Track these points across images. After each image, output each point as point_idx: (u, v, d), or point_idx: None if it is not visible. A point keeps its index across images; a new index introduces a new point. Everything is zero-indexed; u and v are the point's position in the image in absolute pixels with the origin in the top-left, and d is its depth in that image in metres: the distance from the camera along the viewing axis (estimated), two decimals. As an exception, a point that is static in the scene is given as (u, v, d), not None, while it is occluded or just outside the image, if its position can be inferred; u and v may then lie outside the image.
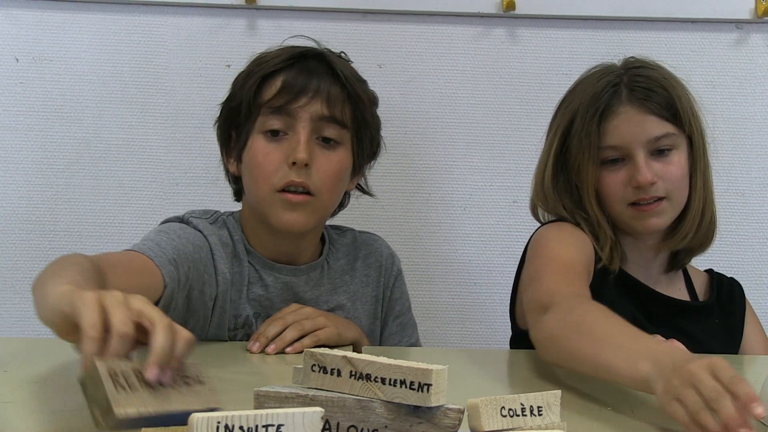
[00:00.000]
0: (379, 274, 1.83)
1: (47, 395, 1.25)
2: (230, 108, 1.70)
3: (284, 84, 1.64)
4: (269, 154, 1.63)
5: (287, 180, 1.61)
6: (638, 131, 1.66)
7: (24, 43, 2.18)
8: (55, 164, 2.19)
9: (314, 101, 1.64)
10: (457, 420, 0.93)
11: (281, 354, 1.57)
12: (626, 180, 1.67)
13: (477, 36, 2.23)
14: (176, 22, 2.20)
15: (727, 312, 1.83)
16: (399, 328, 1.85)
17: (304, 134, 1.63)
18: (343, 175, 1.69)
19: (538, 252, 1.68)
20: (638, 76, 1.69)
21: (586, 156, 1.68)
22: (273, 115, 1.64)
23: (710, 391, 1.09)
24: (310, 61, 1.68)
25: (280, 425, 0.83)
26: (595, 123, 1.67)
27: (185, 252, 1.56)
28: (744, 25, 2.24)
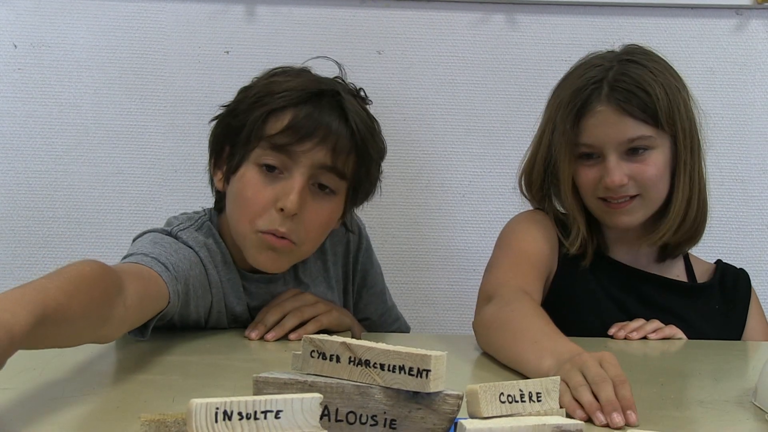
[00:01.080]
0: (346, 249, 1.80)
1: (46, 382, 1.25)
2: (229, 124, 1.61)
3: (291, 123, 1.54)
4: (259, 193, 1.55)
5: (272, 227, 1.54)
6: (612, 132, 1.66)
7: (22, 30, 2.17)
8: (54, 151, 2.19)
9: (319, 147, 1.54)
10: (456, 406, 0.93)
11: (283, 340, 1.57)
12: (598, 177, 1.68)
13: (476, 22, 2.22)
14: (175, 9, 2.19)
15: (730, 298, 1.83)
16: (374, 297, 1.84)
17: (300, 182, 1.54)
18: (330, 223, 1.63)
19: (502, 242, 1.75)
20: (624, 74, 1.68)
21: (563, 150, 1.70)
22: (273, 152, 1.55)
23: (594, 375, 1.16)
24: (324, 101, 1.57)
25: (279, 411, 0.83)
26: (572, 119, 1.68)
27: (182, 269, 1.50)
28: (744, 11, 2.24)
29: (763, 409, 1.18)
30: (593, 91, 1.67)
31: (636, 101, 1.65)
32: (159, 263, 1.44)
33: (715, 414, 1.19)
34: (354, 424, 0.94)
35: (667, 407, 1.22)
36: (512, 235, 1.75)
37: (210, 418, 0.80)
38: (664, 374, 1.43)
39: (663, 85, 1.67)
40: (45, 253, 2.17)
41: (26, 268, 2.17)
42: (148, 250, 1.47)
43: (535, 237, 1.73)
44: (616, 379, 1.15)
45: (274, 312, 1.59)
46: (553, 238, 1.74)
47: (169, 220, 1.67)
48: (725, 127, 2.25)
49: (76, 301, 1.12)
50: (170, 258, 1.48)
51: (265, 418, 0.82)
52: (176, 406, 1.14)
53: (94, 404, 1.15)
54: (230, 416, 0.81)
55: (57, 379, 1.27)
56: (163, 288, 1.42)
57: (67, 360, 1.38)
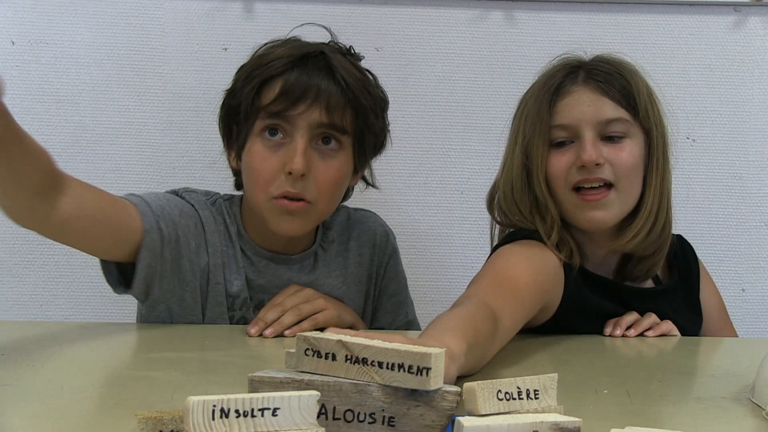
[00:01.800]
0: (372, 252, 1.82)
1: (45, 378, 1.25)
2: (230, 105, 1.67)
3: (282, 89, 1.60)
4: (266, 161, 1.61)
5: (283, 190, 1.60)
6: (589, 111, 1.60)
7: (20, 26, 2.17)
8: (52, 148, 2.14)
9: (313, 108, 1.60)
10: (455, 402, 0.93)
11: (280, 337, 1.58)
12: (572, 161, 1.60)
13: (474, 19, 2.22)
14: (173, 5, 2.19)
15: (689, 283, 1.78)
16: (393, 306, 1.84)
17: (302, 143, 1.60)
18: (342, 180, 1.67)
19: (491, 263, 1.59)
20: (600, 62, 1.65)
21: (536, 136, 1.62)
22: (271, 120, 1.61)
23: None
24: (311, 63, 1.63)
25: (276, 408, 0.83)
26: (547, 100, 1.62)
27: (170, 213, 1.58)
28: (742, 7, 2.24)
29: (761, 405, 1.18)
30: (568, 75, 1.64)
31: (615, 83, 1.62)
32: (142, 201, 1.55)
33: (713, 411, 1.19)
34: (352, 422, 0.94)
35: (664, 404, 1.22)
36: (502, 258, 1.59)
37: (207, 415, 0.80)
38: (661, 371, 1.43)
39: (640, 79, 1.65)
40: (43, 250, 2.17)
41: (24, 265, 2.17)
42: (137, 194, 1.58)
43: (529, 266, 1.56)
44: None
45: (275, 310, 1.60)
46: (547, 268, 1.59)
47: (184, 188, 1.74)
48: (723, 124, 2.25)
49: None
50: (157, 202, 1.58)
51: (262, 416, 0.82)
52: (174, 403, 1.14)
53: (92, 401, 1.15)
54: (227, 414, 0.81)
55: (55, 376, 1.27)
56: (134, 217, 1.52)
57: (65, 356, 1.38)
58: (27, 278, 2.19)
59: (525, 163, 1.65)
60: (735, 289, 2.21)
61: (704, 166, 2.24)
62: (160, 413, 0.88)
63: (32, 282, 2.19)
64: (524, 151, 1.66)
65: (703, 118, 2.23)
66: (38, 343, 1.45)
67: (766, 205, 2.28)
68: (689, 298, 1.78)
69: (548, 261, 1.59)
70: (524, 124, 1.66)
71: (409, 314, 1.88)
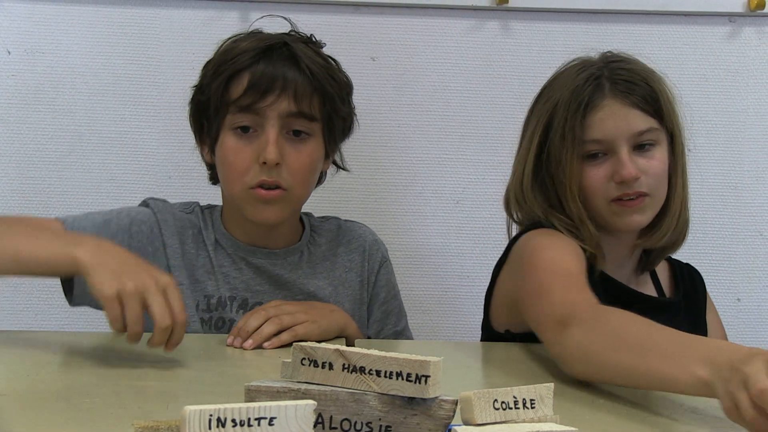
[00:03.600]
0: (362, 259, 1.83)
1: (40, 389, 1.25)
2: (200, 101, 1.72)
3: (250, 83, 1.65)
4: (239, 153, 1.66)
5: (259, 179, 1.65)
6: (622, 125, 1.63)
7: (16, 36, 2.17)
8: (48, 157, 2.19)
9: (281, 98, 1.65)
10: (452, 411, 0.93)
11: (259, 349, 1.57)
12: (609, 175, 1.64)
13: (470, 29, 2.23)
14: (169, 15, 2.19)
15: (692, 305, 1.82)
16: (383, 315, 1.84)
17: (273, 133, 1.64)
18: (315, 165, 1.71)
19: (535, 263, 1.57)
20: (620, 69, 1.67)
21: (569, 151, 1.64)
22: (241, 114, 1.66)
23: (753, 385, 1.04)
24: (276, 54, 1.68)
25: (273, 418, 0.83)
26: (579, 117, 1.63)
27: (119, 225, 1.67)
28: (737, 18, 2.24)
29: (757, 415, 1.18)
30: (596, 87, 1.65)
31: (640, 91, 1.64)
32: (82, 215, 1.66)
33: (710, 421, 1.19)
34: (349, 431, 0.94)
35: (662, 414, 1.22)
36: (545, 254, 1.58)
37: (204, 424, 0.80)
38: (657, 381, 1.43)
39: (659, 81, 1.68)
40: (38, 259, 2.16)
41: (20, 274, 2.16)
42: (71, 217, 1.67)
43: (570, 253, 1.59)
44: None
45: (255, 318, 1.60)
46: (580, 252, 1.62)
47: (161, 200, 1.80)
48: (718, 134, 2.25)
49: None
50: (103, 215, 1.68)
51: (258, 425, 0.82)
52: (170, 412, 1.13)
53: (88, 410, 1.15)
54: (224, 423, 0.81)
55: (50, 386, 1.27)
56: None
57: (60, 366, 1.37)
58: (22, 287, 2.19)
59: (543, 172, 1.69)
60: (730, 298, 2.22)
61: (699, 176, 2.23)
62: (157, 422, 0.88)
63: (27, 291, 2.18)
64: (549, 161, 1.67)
65: (698, 128, 2.22)
66: (33, 353, 1.45)
67: (762, 214, 2.28)
68: (693, 317, 1.80)
69: (575, 247, 1.63)
70: (551, 136, 1.67)
71: (398, 325, 1.88)
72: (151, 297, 1.33)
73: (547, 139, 1.68)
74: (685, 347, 1.20)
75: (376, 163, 2.22)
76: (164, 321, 1.33)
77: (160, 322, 1.33)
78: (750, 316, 2.24)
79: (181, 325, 1.34)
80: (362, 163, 2.18)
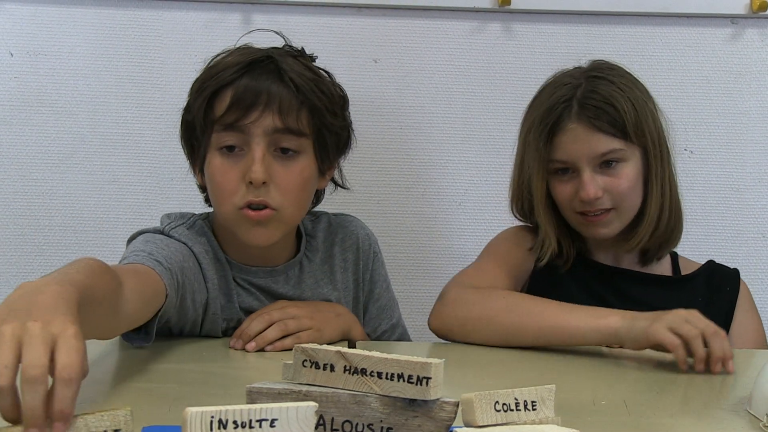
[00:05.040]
0: (356, 257, 1.81)
1: (42, 390, 1.25)
2: (187, 121, 1.67)
3: (233, 99, 1.58)
4: (226, 173, 1.59)
5: (246, 200, 1.58)
6: (585, 148, 1.72)
7: (19, 38, 2.17)
8: (50, 159, 2.19)
9: (266, 114, 1.58)
10: (453, 413, 0.94)
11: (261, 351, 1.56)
12: (573, 192, 1.74)
13: (472, 31, 2.23)
14: (172, 17, 2.19)
15: (715, 291, 1.85)
16: (378, 311, 1.83)
17: (259, 151, 1.57)
18: (306, 183, 1.64)
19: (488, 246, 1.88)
20: (592, 91, 1.74)
21: (535, 167, 1.76)
22: (226, 132, 1.59)
23: (706, 327, 1.47)
24: (258, 69, 1.61)
25: (274, 420, 0.83)
26: (545, 137, 1.74)
27: (176, 260, 1.52)
28: (739, 19, 2.24)
29: (758, 417, 1.18)
30: (564, 109, 1.74)
31: (605, 117, 1.72)
32: (152, 259, 1.46)
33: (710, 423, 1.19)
34: (350, 432, 0.94)
35: (662, 415, 1.22)
36: (496, 242, 1.88)
37: (205, 426, 0.80)
38: (658, 382, 1.43)
39: (630, 99, 1.73)
40: (41, 261, 2.16)
41: (22, 276, 2.16)
42: (140, 248, 1.50)
43: (509, 242, 1.85)
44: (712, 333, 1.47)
45: (259, 321, 1.59)
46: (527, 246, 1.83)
47: (162, 218, 1.71)
48: (721, 136, 2.25)
49: (98, 285, 1.15)
50: (162, 252, 1.50)
51: (260, 427, 0.82)
52: (171, 414, 1.14)
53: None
54: (225, 425, 0.81)
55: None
56: (159, 282, 1.43)
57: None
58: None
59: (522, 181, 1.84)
60: (733, 300, 2.22)
61: (702, 178, 2.24)
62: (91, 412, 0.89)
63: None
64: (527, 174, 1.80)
65: (700, 130, 2.24)
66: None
67: (764, 216, 2.28)
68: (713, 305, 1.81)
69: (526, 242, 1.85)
70: (527, 151, 1.80)
71: (393, 317, 1.88)
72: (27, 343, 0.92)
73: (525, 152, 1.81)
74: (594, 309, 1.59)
75: (378, 165, 2.22)
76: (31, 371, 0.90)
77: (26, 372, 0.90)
78: (752, 317, 2.24)
79: (65, 382, 0.90)
80: (364, 165, 2.18)
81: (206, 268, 1.63)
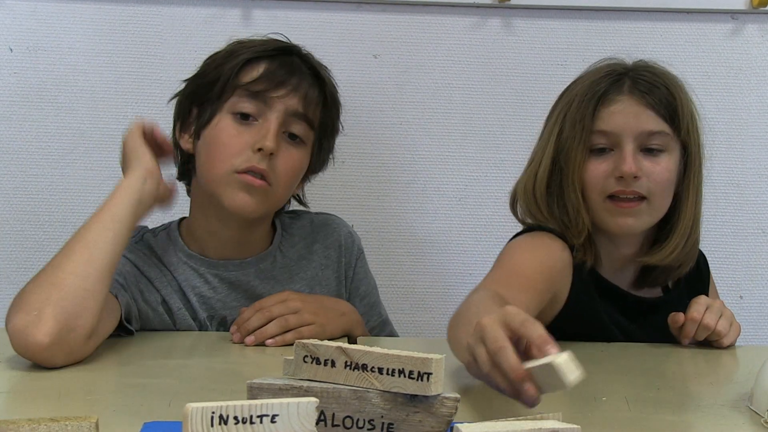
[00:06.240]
0: (339, 254, 1.81)
1: (42, 386, 1.25)
2: (199, 84, 1.70)
3: (266, 71, 1.64)
4: (235, 137, 1.63)
5: (250, 164, 1.60)
6: (632, 122, 1.62)
7: (18, 33, 2.17)
8: (50, 155, 2.19)
9: (291, 96, 1.64)
10: (454, 408, 0.94)
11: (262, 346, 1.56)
12: (610, 170, 1.62)
13: (472, 26, 2.23)
14: (171, 12, 2.19)
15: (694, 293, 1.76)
16: (366, 308, 1.83)
17: (275, 124, 1.62)
18: (299, 173, 1.70)
19: (503, 260, 1.63)
20: (645, 71, 1.66)
21: (576, 139, 1.63)
22: (248, 99, 1.64)
23: (491, 342, 1.02)
24: (295, 57, 1.69)
25: (275, 415, 0.83)
26: (591, 106, 1.63)
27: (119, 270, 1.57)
28: (739, 15, 2.24)
29: (759, 413, 1.18)
30: (614, 82, 1.64)
31: (658, 94, 1.63)
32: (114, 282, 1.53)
33: (711, 418, 1.19)
34: (351, 428, 0.94)
35: (663, 411, 1.22)
36: (514, 255, 1.64)
37: (206, 422, 0.80)
38: (659, 378, 1.43)
39: (681, 90, 1.67)
40: (41, 257, 2.16)
41: (22, 272, 2.16)
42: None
43: (539, 256, 1.62)
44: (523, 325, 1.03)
45: (260, 315, 1.59)
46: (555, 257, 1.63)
47: None
48: (721, 132, 2.25)
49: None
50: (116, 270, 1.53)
51: (261, 422, 0.82)
52: (171, 409, 1.14)
53: (89, 408, 1.15)
54: (226, 420, 0.81)
55: (52, 383, 1.27)
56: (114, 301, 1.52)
57: (63, 364, 1.37)
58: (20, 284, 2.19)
59: (555, 164, 1.67)
60: (733, 296, 2.21)
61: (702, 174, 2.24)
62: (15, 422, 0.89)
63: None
64: (559, 151, 1.66)
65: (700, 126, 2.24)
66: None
67: (764, 212, 2.28)
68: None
69: (555, 250, 1.63)
70: (564, 126, 1.66)
71: (382, 313, 1.88)
72: None
73: (562, 129, 1.67)
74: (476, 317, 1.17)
75: (378, 160, 2.22)
76: None
77: None
78: (752, 313, 2.24)
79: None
80: (364, 161, 2.18)
81: (147, 270, 1.67)
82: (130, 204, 1.52)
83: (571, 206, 1.65)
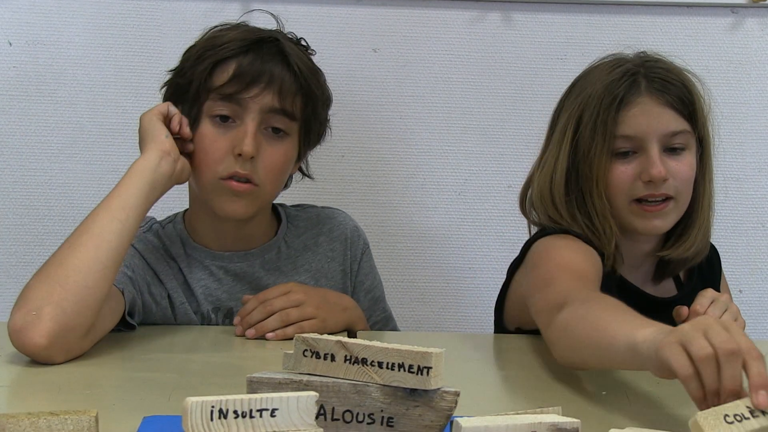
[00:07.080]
0: (344, 247, 1.81)
1: (42, 380, 1.25)
2: (178, 84, 1.68)
3: (236, 72, 1.61)
4: (215, 142, 1.61)
5: (232, 171, 1.60)
6: (655, 124, 1.60)
7: (17, 27, 2.17)
8: (49, 149, 2.19)
9: (266, 92, 1.61)
10: (454, 402, 0.94)
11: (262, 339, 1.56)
12: (637, 174, 1.60)
13: (472, 20, 2.22)
14: (171, 6, 2.19)
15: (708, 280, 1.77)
16: (371, 303, 1.83)
17: (252, 126, 1.60)
18: (288, 165, 1.68)
19: (547, 258, 1.58)
20: (656, 68, 1.64)
21: (599, 145, 1.60)
22: (222, 102, 1.62)
23: (725, 343, 1.01)
24: (265, 48, 1.65)
25: (275, 409, 0.83)
26: (612, 111, 1.59)
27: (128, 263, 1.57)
28: (739, 9, 2.24)
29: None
30: (631, 83, 1.61)
31: (676, 91, 1.62)
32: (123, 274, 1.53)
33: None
34: (351, 422, 0.94)
35: (664, 406, 1.22)
36: (559, 252, 1.58)
37: (206, 416, 0.80)
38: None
39: (695, 84, 1.66)
40: (40, 251, 2.16)
41: (21, 266, 2.16)
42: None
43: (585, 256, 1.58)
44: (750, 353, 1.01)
45: (261, 309, 1.59)
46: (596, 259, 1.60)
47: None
48: (720, 126, 2.22)
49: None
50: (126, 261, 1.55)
51: (260, 417, 0.82)
52: (172, 404, 1.14)
53: (90, 402, 1.15)
54: (226, 414, 0.81)
55: (52, 377, 1.27)
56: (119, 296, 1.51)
57: (62, 358, 1.37)
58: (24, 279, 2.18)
59: (572, 167, 1.64)
60: (732, 290, 2.20)
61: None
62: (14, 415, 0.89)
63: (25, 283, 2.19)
64: (577, 156, 1.63)
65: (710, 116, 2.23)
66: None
67: (764, 206, 2.28)
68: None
69: (593, 254, 1.60)
70: (581, 130, 1.63)
71: (387, 309, 1.88)
72: None
73: (578, 132, 1.64)
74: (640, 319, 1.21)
75: (378, 154, 2.22)
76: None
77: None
78: (752, 308, 2.24)
79: None
80: (364, 155, 2.18)
81: (152, 262, 1.66)
82: (141, 189, 1.52)
83: (596, 212, 1.62)
